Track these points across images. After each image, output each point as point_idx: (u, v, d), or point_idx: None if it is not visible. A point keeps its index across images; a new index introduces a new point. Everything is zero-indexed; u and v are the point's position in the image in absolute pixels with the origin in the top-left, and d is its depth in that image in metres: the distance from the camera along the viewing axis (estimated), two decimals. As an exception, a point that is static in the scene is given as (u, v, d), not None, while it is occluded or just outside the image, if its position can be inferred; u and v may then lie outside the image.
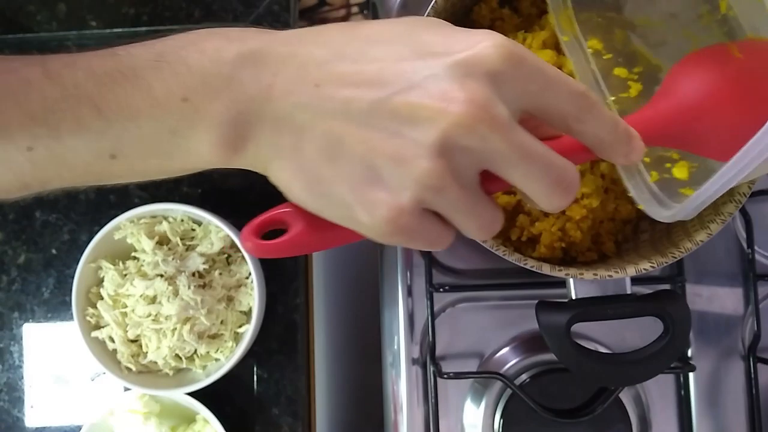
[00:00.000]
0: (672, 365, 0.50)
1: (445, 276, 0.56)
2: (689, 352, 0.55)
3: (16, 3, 0.58)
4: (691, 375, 0.54)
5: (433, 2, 0.44)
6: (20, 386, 0.57)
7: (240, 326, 0.52)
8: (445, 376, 0.52)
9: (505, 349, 0.55)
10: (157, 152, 0.32)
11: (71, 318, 0.51)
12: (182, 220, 0.53)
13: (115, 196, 0.57)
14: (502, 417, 0.52)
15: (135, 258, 0.53)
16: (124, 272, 0.52)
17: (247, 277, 0.53)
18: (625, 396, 0.52)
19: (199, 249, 0.52)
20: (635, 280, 0.44)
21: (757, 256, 0.54)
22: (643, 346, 0.43)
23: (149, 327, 0.50)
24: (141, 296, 0.51)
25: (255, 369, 0.56)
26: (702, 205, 0.34)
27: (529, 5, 0.51)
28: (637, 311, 0.43)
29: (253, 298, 0.51)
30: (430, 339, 0.53)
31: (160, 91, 0.30)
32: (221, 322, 0.52)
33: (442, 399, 0.53)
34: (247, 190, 0.57)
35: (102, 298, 0.52)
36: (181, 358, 0.52)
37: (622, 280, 0.44)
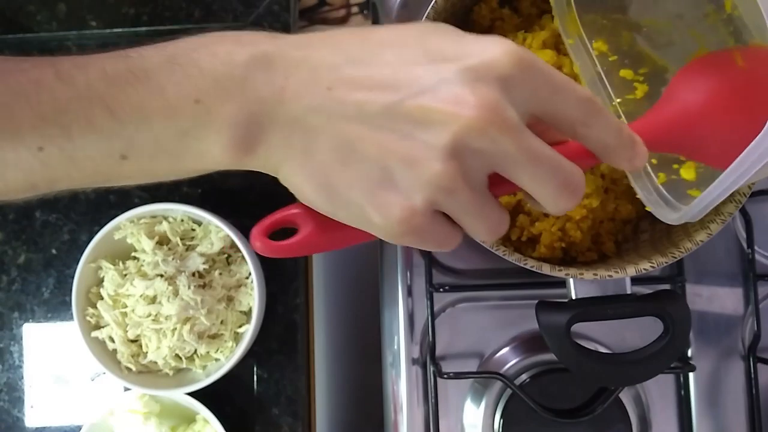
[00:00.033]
0: (672, 365, 0.50)
1: (445, 276, 0.56)
2: (689, 352, 0.55)
3: (16, 3, 0.58)
4: (691, 375, 0.54)
5: (434, 2, 0.44)
6: (20, 386, 0.57)
7: (240, 326, 0.52)
8: (445, 376, 0.52)
9: (505, 349, 0.55)
10: (168, 153, 0.32)
11: (71, 318, 0.51)
12: (182, 220, 0.53)
13: (115, 196, 0.57)
14: (502, 417, 0.52)
15: (135, 258, 0.53)
16: (124, 272, 0.52)
17: (247, 277, 0.53)
18: (625, 396, 0.52)
19: (199, 249, 0.52)
20: (635, 280, 0.44)
21: (757, 256, 0.54)
22: (643, 346, 0.44)
23: (149, 327, 0.50)
24: (141, 296, 0.51)
25: (255, 369, 0.56)
26: (706, 209, 0.35)
27: (529, 5, 0.51)
28: (637, 311, 0.44)
29: (253, 298, 0.51)
30: (430, 339, 0.53)
31: (172, 92, 0.30)
32: (221, 322, 0.52)
33: (442, 399, 0.53)
34: (247, 190, 0.57)
35: (102, 298, 0.52)
36: (181, 358, 0.52)
37: (622, 280, 0.44)
